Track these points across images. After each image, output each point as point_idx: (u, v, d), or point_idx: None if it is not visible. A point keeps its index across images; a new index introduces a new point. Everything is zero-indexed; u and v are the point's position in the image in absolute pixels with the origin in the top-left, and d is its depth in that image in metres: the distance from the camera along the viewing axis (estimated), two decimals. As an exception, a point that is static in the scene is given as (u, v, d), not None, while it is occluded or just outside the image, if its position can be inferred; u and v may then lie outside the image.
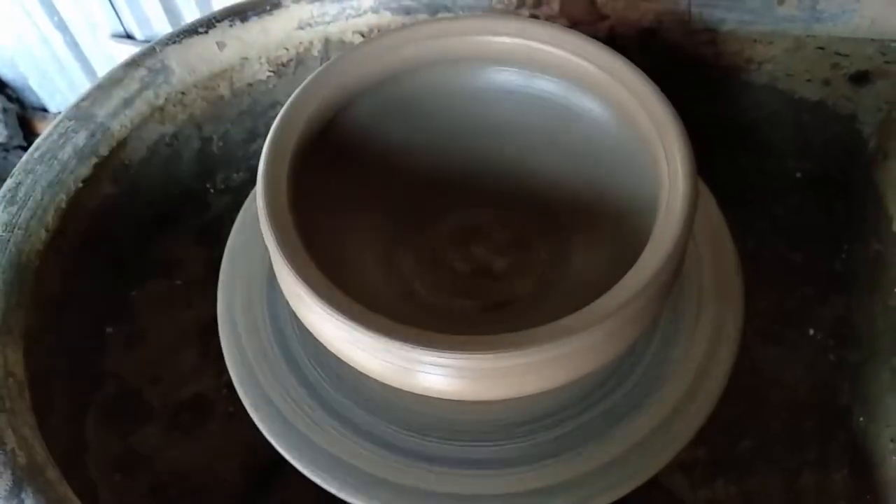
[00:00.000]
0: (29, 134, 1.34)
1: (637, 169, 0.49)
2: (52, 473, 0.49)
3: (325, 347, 0.46)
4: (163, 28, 1.13)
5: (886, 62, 0.65)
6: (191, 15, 1.14)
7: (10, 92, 1.31)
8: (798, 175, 0.75)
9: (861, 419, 0.61)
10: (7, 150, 1.32)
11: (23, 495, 0.47)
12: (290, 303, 0.47)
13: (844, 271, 0.69)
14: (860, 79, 0.67)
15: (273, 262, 0.46)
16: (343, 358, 0.46)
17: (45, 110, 1.33)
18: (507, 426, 0.51)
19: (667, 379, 0.51)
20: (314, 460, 0.50)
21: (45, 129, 0.62)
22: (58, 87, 1.27)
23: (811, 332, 0.67)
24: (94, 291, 0.65)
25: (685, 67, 0.68)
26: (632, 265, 0.44)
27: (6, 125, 1.29)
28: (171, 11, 1.12)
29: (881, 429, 0.58)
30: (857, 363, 0.64)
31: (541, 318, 0.43)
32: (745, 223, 0.58)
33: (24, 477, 0.48)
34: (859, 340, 0.64)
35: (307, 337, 0.49)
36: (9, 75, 1.29)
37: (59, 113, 1.24)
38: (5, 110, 1.29)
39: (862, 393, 0.62)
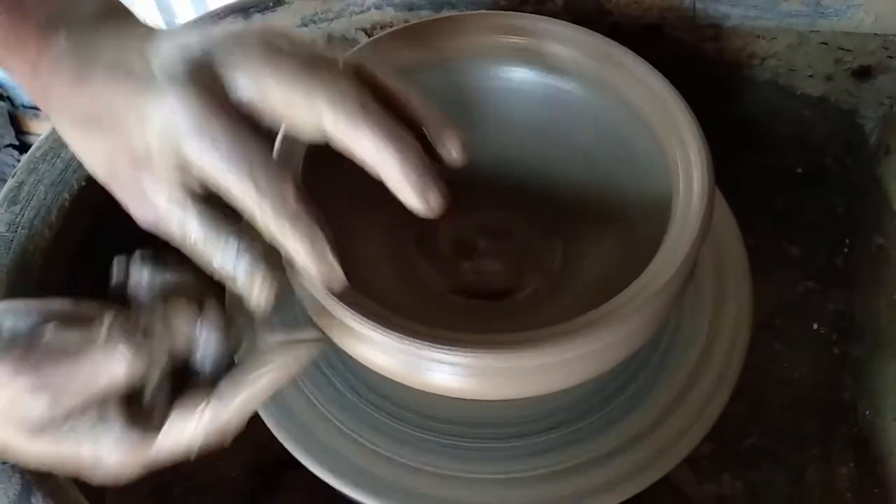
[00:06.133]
0: (20, 133, 1.33)
1: (650, 168, 0.49)
2: (61, 477, 0.49)
3: (337, 345, 0.46)
4: (156, 25, 1.12)
5: (889, 57, 0.65)
6: (184, 11, 1.13)
7: (0, 90, 1.30)
8: (799, 170, 0.75)
9: (867, 413, 0.61)
10: (-2, 149, 1.31)
11: (32, 499, 0.47)
12: (302, 300, 0.47)
13: (846, 266, 0.70)
14: (863, 74, 0.67)
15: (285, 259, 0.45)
16: (356, 357, 0.45)
17: (36, 108, 1.32)
18: (510, 424, 0.51)
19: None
20: (325, 459, 0.50)
21: (47, 128, 0.62)
22: (50, 85, 1.26)
23: (814, 326, 0.67)
24: (96, 291, 0.64)
25: (688, 63, 0.68)
26: (643, 265, 0.44)
27: (-3, 123, 1.28)
28: (164, 9, 1.11)
29: (887, 423, 0.58)
30: (861, 357, 0.64)
31: (552, 317, 0.43)
32: (745, 218, 0.58)
33: (33, 481, 0.47)
34: (863, 334, 0.65)
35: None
36: (-1, 73, 1.28)
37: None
38: (-4, 108, 1.28)
39: (867, 387, 0.62)
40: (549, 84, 0.53)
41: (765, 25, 0.65)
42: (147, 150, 0.38)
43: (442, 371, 0.43)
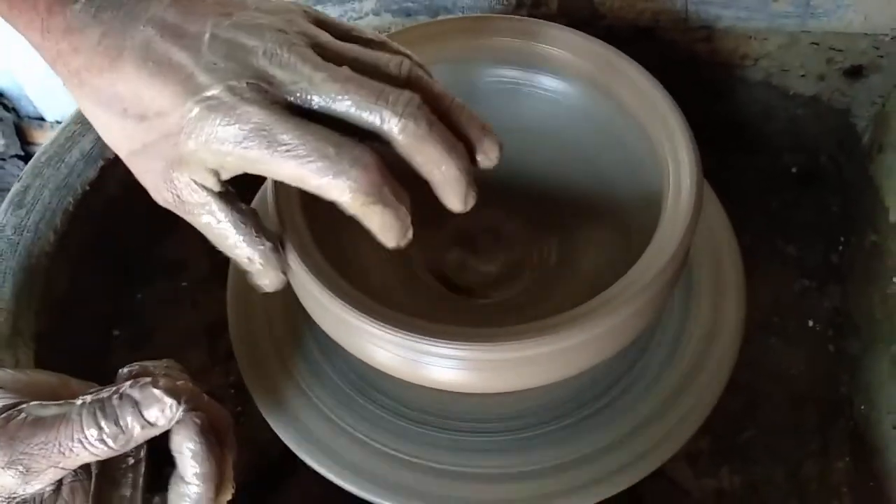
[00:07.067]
0: (25, 143, 1.34)
1: (642, 166, 0.50)
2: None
3: (336, 342, 0.47)
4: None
5: (879, 56, 0.66)
6: None
7: (6, 101, 1.31)
8: (793, 169, 0.76)
9: (862, 408, 0.61)
10: (4, 160, 1.32)
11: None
12: (301, 298, 0.48)
13: (841, 263, 0.70)
14: (854, 73, 0.68)
15: (284, 259, 0.46)
16: (356, 354, 0.46)
17: (41, 119, 1.33)
18: (504, 418, 0.52)
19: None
20: (326, 457, 0.51)
21: (53, 134, 0.63)
22: (55, 96, 1.27)
23: (810, 323, 0.68)
24: (100, 293, 0.65)
25: (681, 65, 0.69)
26: (636, 259, 0.45)
27: (2, 134, 1.29)
28: None
29: (882, 416, 0.58)
30: (856, 353, 0.65)
31: (547, 312, 0.44)
32: (741, 218, 0.59)
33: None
34: (858, 330, 0.65)
35: (318, 332, 0.49)
36: (5, 84, 1.29)
37: (57, 122, 1.24)
38: (1, 120, 1.29)
39: (862, 382, 0.63)
40: (543, 85, 0.54)
41: (756, 27, 0.66)
42: (185, 154, 0.38)
43: (440, 365, 0.44)
